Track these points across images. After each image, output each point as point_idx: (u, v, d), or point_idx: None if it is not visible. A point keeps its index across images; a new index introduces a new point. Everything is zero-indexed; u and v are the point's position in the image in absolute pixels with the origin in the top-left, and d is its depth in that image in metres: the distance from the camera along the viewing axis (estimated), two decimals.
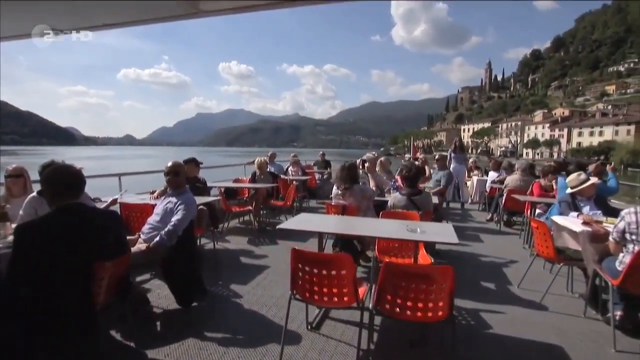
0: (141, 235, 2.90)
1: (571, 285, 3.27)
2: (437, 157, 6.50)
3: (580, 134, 68.45)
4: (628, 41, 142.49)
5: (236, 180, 6.63)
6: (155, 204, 3.27)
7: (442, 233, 2.51)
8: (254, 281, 3.48)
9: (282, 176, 7.13)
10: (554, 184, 4.76)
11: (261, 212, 5.73)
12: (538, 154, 75.54)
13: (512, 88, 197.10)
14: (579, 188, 3.36)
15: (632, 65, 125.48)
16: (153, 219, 2.93)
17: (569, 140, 70.71)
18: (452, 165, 7.44)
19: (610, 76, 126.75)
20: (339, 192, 3.71)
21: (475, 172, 8.67)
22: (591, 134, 65.53)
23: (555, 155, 69.73)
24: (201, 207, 3.84)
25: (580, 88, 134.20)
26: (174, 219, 2.74)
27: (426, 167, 6.79)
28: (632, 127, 57.12)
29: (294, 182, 6.71)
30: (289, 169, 8.19)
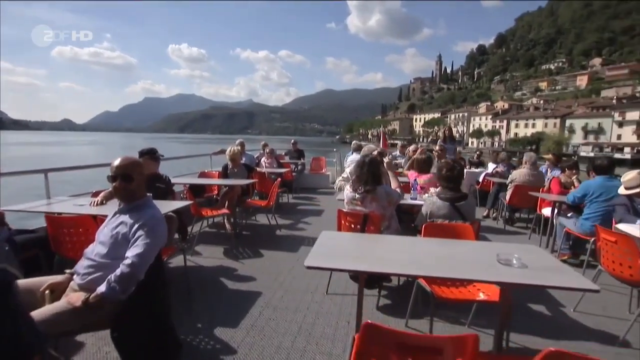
0: (75, 277, 1.78)
1: (630, 305, 2.79)
2: (438, 148, 5.88)
3: (517, 126, 74.90)
4: (558, 42, 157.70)
5: (203, 175, 5.42)
6: (101, 216, 2.17)
7: (557, 270, 1.72)
8: (246, 320, 2.52)
9: (257, 169, 6.07)
10: (574, 180, 4.33)
11: (236, 212, 4.70)
12: (482, 143, 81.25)
13: (460, 80, 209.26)
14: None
15: (560, 64, 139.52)
16: (95, 250, 1.76)
17: (508, 131, 76.91)
18: None
19: (543, 73, 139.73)
20: (357, 195, 2.85)
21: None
22: (526, 125, 72.21)
23: (496, 144, 75.76)
24: (170, 214, 2.76)
25: (518, 83, 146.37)
26: (132, 253, 1.64)
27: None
28: (558, 121, 64.37)
29: (275, 176, 5.70)
30: (263, 160, 7.13)
